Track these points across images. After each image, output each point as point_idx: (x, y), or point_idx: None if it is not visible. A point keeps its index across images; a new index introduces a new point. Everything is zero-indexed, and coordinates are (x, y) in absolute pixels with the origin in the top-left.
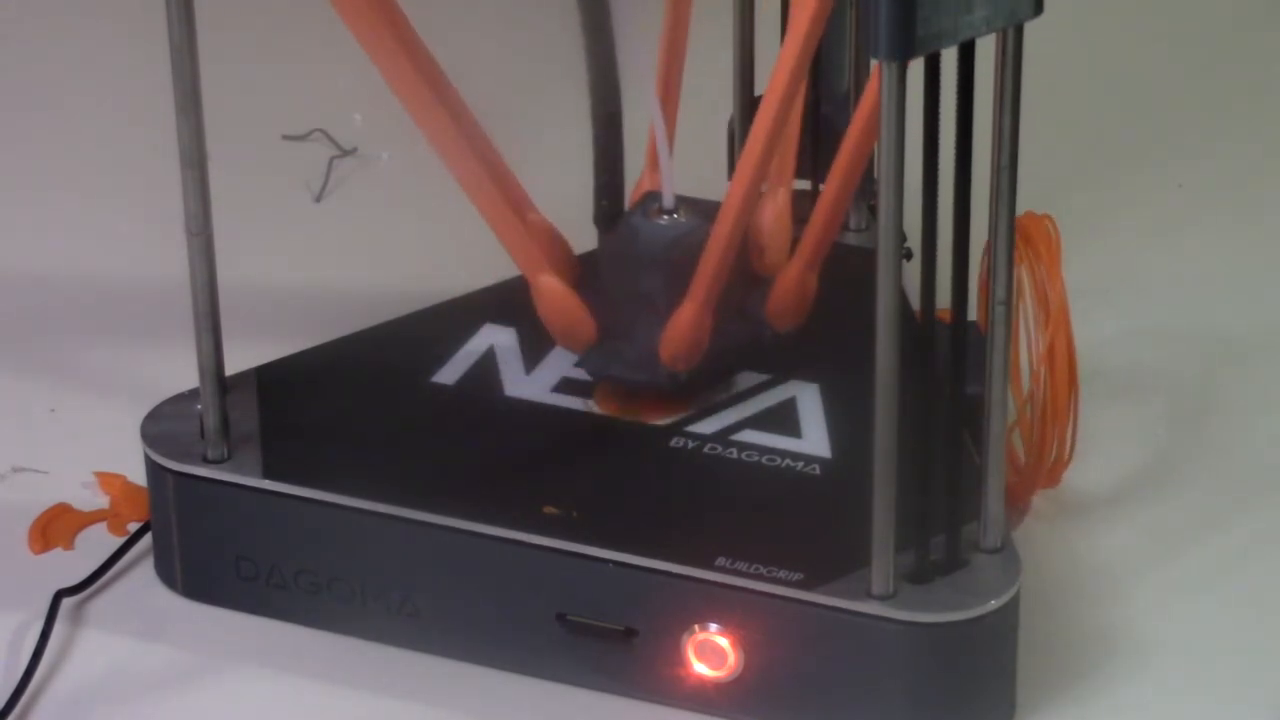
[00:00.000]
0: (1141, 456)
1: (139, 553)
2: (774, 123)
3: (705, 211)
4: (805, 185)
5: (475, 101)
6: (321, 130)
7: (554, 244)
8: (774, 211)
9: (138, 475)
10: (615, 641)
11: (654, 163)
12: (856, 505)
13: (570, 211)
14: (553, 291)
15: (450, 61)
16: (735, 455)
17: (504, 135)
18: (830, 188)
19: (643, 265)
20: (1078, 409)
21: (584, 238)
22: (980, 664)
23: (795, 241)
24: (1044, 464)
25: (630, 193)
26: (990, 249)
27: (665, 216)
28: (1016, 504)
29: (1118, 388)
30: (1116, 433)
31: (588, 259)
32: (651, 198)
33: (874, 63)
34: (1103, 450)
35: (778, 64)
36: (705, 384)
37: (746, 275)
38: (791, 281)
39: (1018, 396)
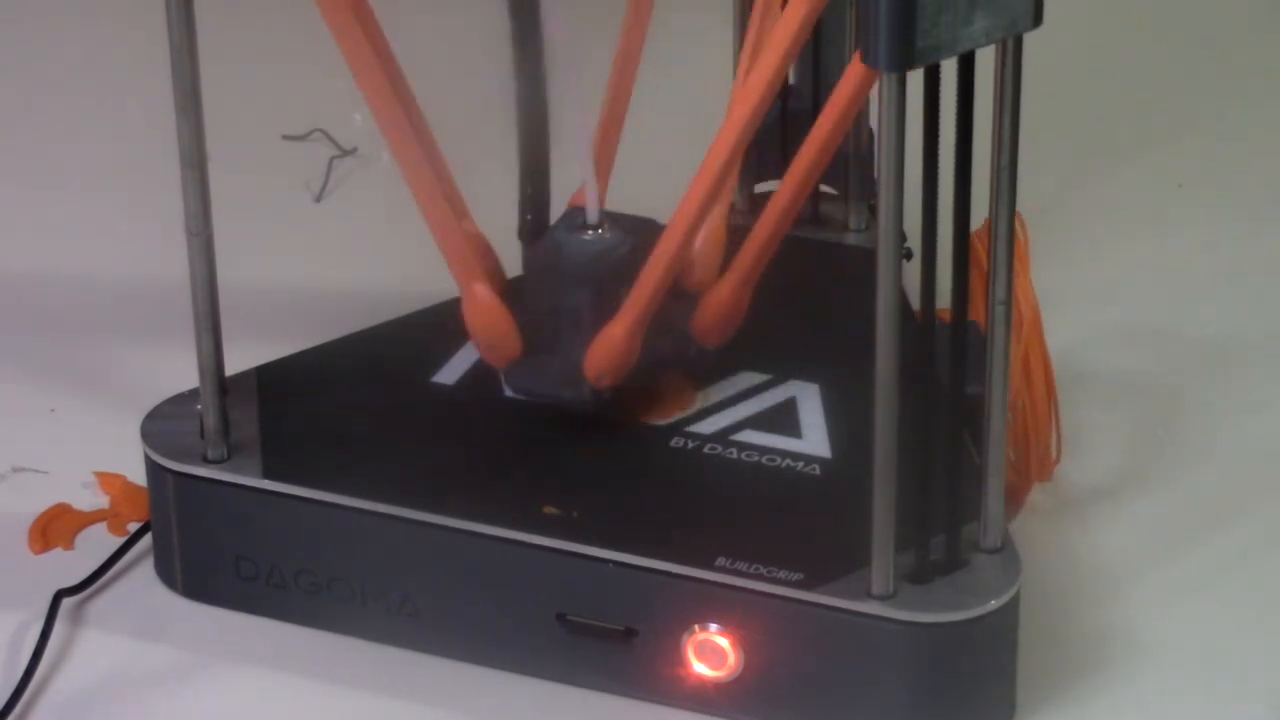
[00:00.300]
0: (1142, 456)
1: (139, 553)
2: (733, 149)
3: (631, 227)
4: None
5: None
6: (321, 130)
7: (485, 254)
8: (708, 228)
9: (138, 475)
10: (615, 641)
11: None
12: (856, 505)
13: (496, 222)
14: (484, 302)
15: (415, 67)
16: (735, 455)
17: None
18: (775, 204)
19: (567, 281)
20: (1058, 412)
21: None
22: (980, 664)
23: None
24: (1030, 466)
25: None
26: (983, 239)
27: (590, 232)
28: (1012, 499)
29: (1118, 387)
30: (1116, 432)
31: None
32: (576, 213)
33: (846, 70)
34: (1103, 450)
35: (742, 91)
36: (628, 399)
37: (673, 290)
38: (723, 298)
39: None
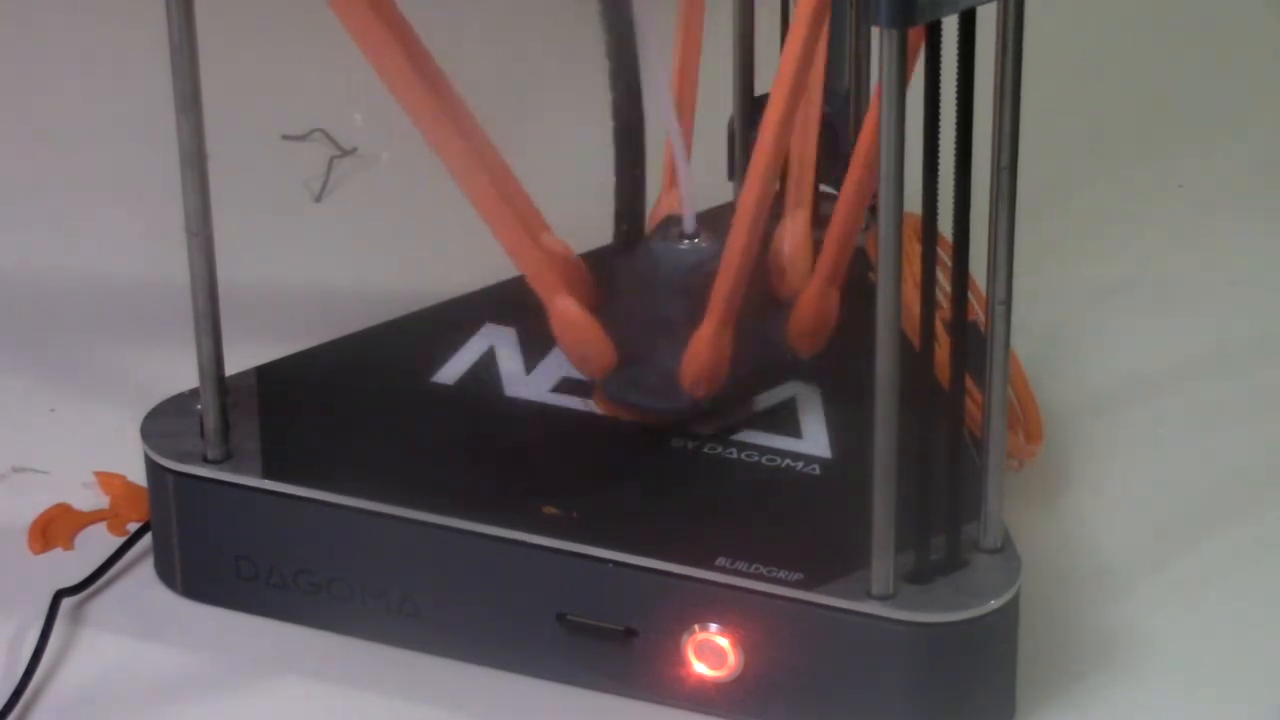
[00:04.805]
0: (1142, 456)
1: (139, 553)
2: (780, 127)
3: (727, 235)
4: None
5: (485, 110)
6: (321, 130)
7: (569, 266)
8: (794, 233)
9: (138, 475)
10: (615, 641)
11: (672, 182)
12: (856, 505)
13: (583, 219)
14: (571, 316)
15: (459, 68)
16: (735, 455)
17: (515, 146)
18: (845, 199)
19: (663, 290)
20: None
21: (597, 241)
22: (980, 664)
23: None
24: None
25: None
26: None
27: (686, 240)
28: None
29: (1118, 387)
30: (1117, 432)
31: (596, 261)
32: (671, 221)
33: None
34: (1103, 450)
35: (780, 67)
36: (727, 410)
37: (768, 300)
38: (812, 300)
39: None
